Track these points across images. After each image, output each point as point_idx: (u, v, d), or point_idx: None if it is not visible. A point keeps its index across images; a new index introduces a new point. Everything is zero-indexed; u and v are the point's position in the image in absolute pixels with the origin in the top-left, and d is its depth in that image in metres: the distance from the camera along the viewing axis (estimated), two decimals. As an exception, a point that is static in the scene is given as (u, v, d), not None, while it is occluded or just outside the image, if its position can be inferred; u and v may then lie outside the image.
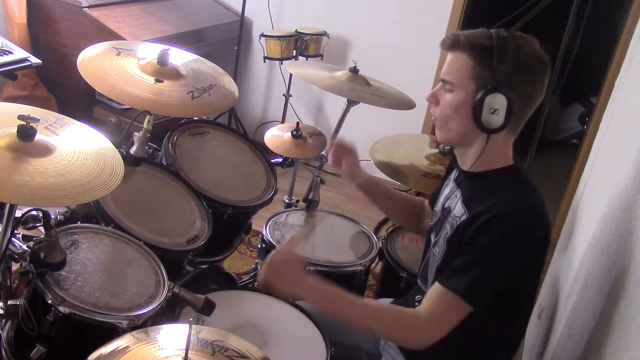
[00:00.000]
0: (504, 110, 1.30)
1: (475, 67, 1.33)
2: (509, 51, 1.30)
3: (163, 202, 1.89)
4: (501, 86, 1.30)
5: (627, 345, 1.13)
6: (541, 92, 1.37)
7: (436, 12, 3.54)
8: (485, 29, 1.37)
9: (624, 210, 1.44)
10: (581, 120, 5.00)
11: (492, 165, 1.41)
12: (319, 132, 2.43)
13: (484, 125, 1.33)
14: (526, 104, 1.36)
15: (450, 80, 1.37)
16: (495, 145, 1.38)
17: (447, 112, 1.39)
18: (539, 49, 1.36)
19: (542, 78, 1.36)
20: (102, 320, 1.36)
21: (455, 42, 1.36)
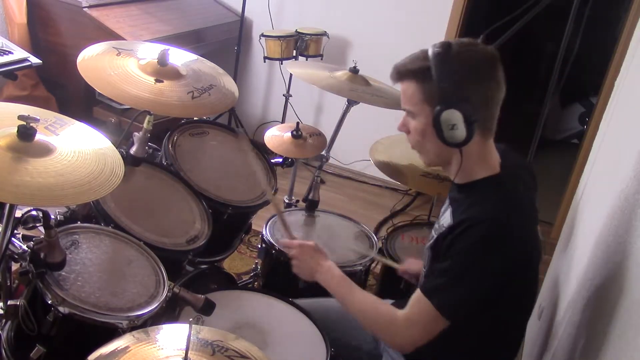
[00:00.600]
0: (462, 122, 1.30)
1: (423, 90, 1.35)
2: (446, 65, 1.31)
3: (163, 202, 1.89)
4: (451, 101, 1.31)
5: (627, 345, 1.13)
6: (499, 88, 1.36)
7: (436, 12, 3.54)
8: (423, 49, 1.37)
9: (624, 210, 1.44)
10: (581, 120, 5.00)
11: (476, 175, 1.41)
12: (319, 132, 2.43)
13: (450, 141, 1.34)
14: (486, 106, 1.36)
15: (409, 108, 1.41)
16: (472, 154, 1.38)
17: (417, 139, 1.43)
18: (481, 49, 1.36)
19: (494, 74, 1.35)
20: (102, 321, 1.36)
21: (398, 73, 1.40)
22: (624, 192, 1.48)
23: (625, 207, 1.43)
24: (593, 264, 1.63)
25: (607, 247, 1.51)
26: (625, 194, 1.46)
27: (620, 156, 1.71)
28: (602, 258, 1.54)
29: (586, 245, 1.81)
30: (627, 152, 1.59)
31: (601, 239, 1.60)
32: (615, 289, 1.32)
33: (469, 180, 1.42)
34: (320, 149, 2.39)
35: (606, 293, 1.40)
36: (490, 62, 1.35)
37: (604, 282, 1.46)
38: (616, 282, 1.34)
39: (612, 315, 1.28)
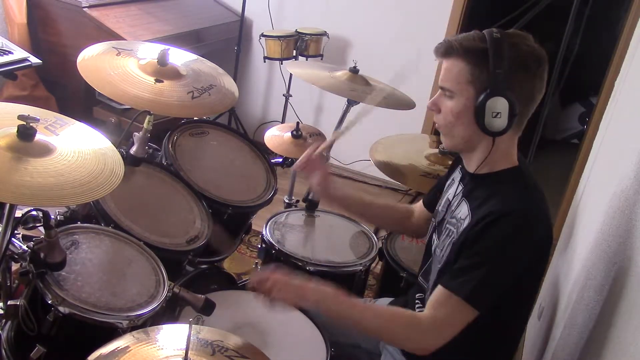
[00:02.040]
0: (506, 112, 1.30)
1: (472, 72, 1.32)
2: (504, 52, 1.29)
3: (163, 202, 1.89)
4: (500, 89, 1.29)
5: (626, 345, 1.13)
6: (541, 88, 1.36)
7: (436, 12, 3.54)
8: (478, 30, 1.35)
9: (624, 210, 1.44)
10: (581, 120, 5.00)
11: (497, 166, 1.40)
12: (319, 132, 2.43)
13: (488, 129, 1.32)
14: (528, 102, 1.36)
15: (449, 87, 1.36)
16: (500, 146, 1.37)
17: (450, 119, 1.38)
18: (535, 45, 1.34)
19: (541, 74, 1.35)
20: (102, 321, 1.36)
21: (448, 48, 1.35)
22: (624, 192, 1.48)
23: (625, 207, 1.43)
24: (593, 264, 1.63)
25: (607, 247, 1.51)
26: (625, 194, 1.46)
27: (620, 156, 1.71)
28: (602, 258, 1.54)
29: (586, 245, 1.81)
30: (627, 152, 1.59)
31: (601, 239, 1.60)
32: (615, 289, 1.32)
33: (490, 171, 1.41)
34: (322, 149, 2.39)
35: (606, 293, 1.40)
36: (541, 60, 1.34)
37: (604, 282, 1.46)
38: (616, 282, 1.34)
39: (612, 315, 1.28)
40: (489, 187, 1.40)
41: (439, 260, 1.49)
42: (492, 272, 1.31)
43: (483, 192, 1.40)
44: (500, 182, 1.40)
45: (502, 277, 1.33)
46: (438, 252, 1.50)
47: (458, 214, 1.45)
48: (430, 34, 3.38)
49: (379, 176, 3.73)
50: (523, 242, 1.31)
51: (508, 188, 1.38)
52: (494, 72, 1.29)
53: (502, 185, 1.39)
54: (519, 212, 1.31)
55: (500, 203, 1.33)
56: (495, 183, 1.40)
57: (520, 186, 1.39)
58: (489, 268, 1.31)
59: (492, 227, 1.30)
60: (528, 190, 1.39)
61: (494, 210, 1.32)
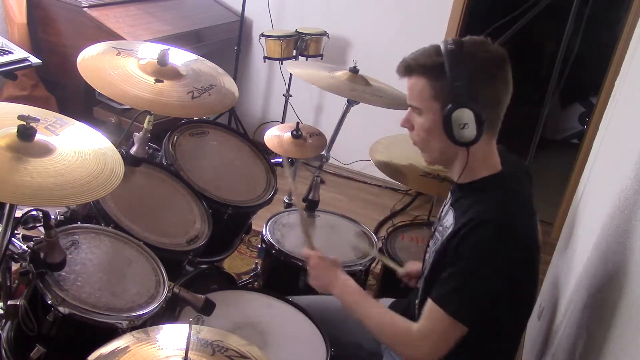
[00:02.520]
0: (473, 122, 1.30)
1: (433, 87, 1.33)
2: (460, 63, 1.30)
3: (163, 202, 1.89)
4: (463, 100, 1.30)
5: (627, 345, 1.13)
6: (507, 89, 1.36)
7: (436, 12, 3.54)
8: (434, 45, 1.35)
9: (624, 210, 1.44)
10: (581, 120, 5.00)
11: (478, 174, 1.40)
12: (319, 132, 2.43)
13: (459, 140, 1.33)
14: (494, 107, 1.35)
15: (416, 105, 1.38)
16: (477, 153, 1.37)
17: (423, 136, 1.40)
18: (493, 49, 1.34)
19: (503, 75, 1.34)
20: (102, 321, 1.36)
21: (407, 67, 1.37)
22: (624, 192, 1.48)
23: (625, 207, 1.43)
24: (593, 264, 1.63)
25: (607, 247, 1.51)
26: (625, 194, 1.46)
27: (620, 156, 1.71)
28: (602, 258, 1.54)
29: (586, 245, 1.81)
30: (627, 152, 1.59)
31: (601, 239, 1.60)
32: (615, 289, 1.32)
33: (471, 180, 1.41)
34: (320, 149, 2.39)
35: (606, 293, 1.40)
36: (501, 62, 1.34)
37: (604, 282, 1.46)
38: (616, 282, 1.34)
39: (612, 315, 1.28)
40: (472, 195, 1.40)
41: (427, 267, 1.50)
42: (471, 283, 1.32)
43: (467, 200, 1.40)
44: (482, 190, 1.40)
45: (482, 287, 1.32)
46: (427, 259, 1.53)
47: (445, 222, 1.46)
48: (430, 34, 3.38)
49: (379, 176, 3.73)
50: (502, 249, 1.30)
51: (488, 196, 1.38)
52: (453, 84, 1.30)
53: (483, 193, 1.39)
54: (495, 220, 1.31)
55: (478, 212, 1.33)
56: (477, 191, 1.40)
57: (499, 193, 1.38)
58: (469, 279, 1.32)
59: (470, 235, 1.31)
60: (507, 197, 1.38)
61: (472, 218, 1.32)
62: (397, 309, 1.71)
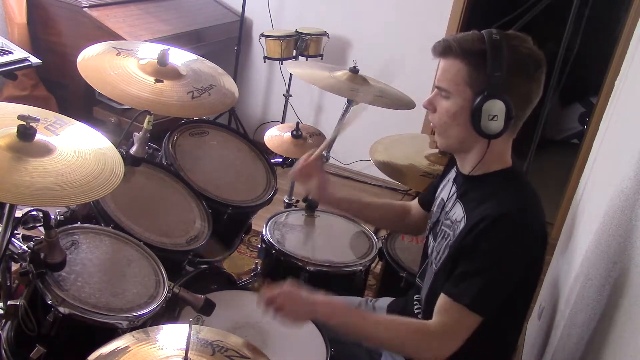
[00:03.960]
0: (502, 115, 1.28)
1: (470, 73, 1.31)
2: (502, 54, 1.28)
3: (163, 202, 1.89)
4: (498, 91, 1.28)
5: (626, 345, 1.13)
6: (539, 92, 1.35)
7: (436, 12, 3.54)
8: (477, 31, 1.34)
9: (624, 210, 1.44)
10: (581, 120, 5.00)
11: (491, 167, 1.40)
12: (319, 132, 2.43)
13: (484, 131, 1.31)
14: (525, 106, 1.35)
15: (446, 87, 1.35)
16: (495, 148, 1.36)
17: (445, 120, 1.37)
18: (534, 48, 1.33)
19: (539, 77, 1.34)
20: (102, 321, 1.36)
21: (446, 48, 1.34)
22: (624, 192, 1.48)
23: (625, 207, 1.43)
24: (593, 264, 1.63)
25: (607, 247, 1.51)
26: (625, 194, 1.46)
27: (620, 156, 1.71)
28: (602, 258, 1.54)
29: (586, 245, 1.81)
30: (627, 152, 1.59)
31: (601, 239, 1.60)
32: (615, 289, 1.32)
33: (483, 172, 1.40)
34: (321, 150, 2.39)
35: (606, 293, 1.40)
36: (540, 63, 1.33)
37: (603, 282, 1.46)
38: (616, 282, 1.34)
39: (612, 315, 1.28)
40: (483, 189, 1.39)
41: (435, 263, 1.48)
42: (492, 278, 1.31)
43: (477, 194, 1.39)
44: (494, 184, 1.39)
45: (503, 281, 1.32)
46: (434, 255, 1.50)
47: (453, 215, 1.45)
48: (430, 34, 3.37)
49: (379, 176, 3.73)
50: (520, 243, 1.31)
51: (502, 190, 1.37)
52: (492, 74, 1.28)
53: (495, 187, 1.38)
54: (513, 214, 1.31)
55: (495, 206, 1.32)
56: (489, 185, 1.39)
57: (513, 187, 1.38)
58: (489, 274, 1.31)
59: (489, 232, 1.30)
60: (522, 191, 1.38)
61: (489, 214, 1.31)
62: (395, 308, 1.71)
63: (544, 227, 1.37)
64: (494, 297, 1.33)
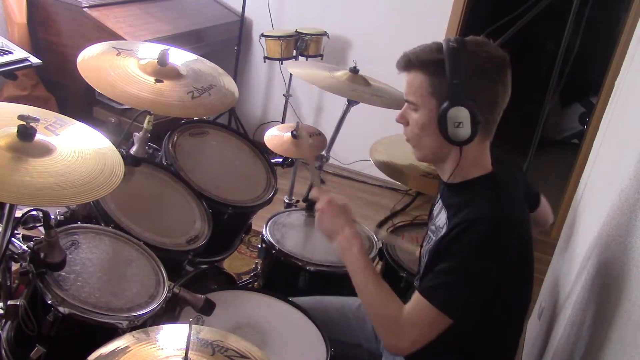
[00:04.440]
0: (468, 121, 1.30)
1: (432, 83, 1.33)
2: (461, 61, 1.29)
3: (163, 202, 1.89)
4: (460, 98, 1.29)
5: (627, 346, 1.13)
6: (505, 93, 1.35)
7: (436, 12, 3.54)
8: (436, 42, 1.36)
9: (623, 210, 1.44)
10: (581, 120, 5.00)
11: (469, 174, 1.40)
12: (319, 132, 2.43)
13: (452, 139, 1.33)
14: (491, 109, 1.35)
15: (412, 100, 1.38)
16: (469, 154, 1.37)
17: (416, 132, 1.40)
18: (494, 50, 1.34)
19: (503, 79, 1.34)
20: (102, 321, 1.36)
21: (407, 62, 1.37)
22: (624, 192, 1.48)
23: (625, 207, 1.43)
24: (593, 264, 1.63)
25: (607, 247, 1.51)
26: (625, 194, 1.46)
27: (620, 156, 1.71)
28: (602, 258, 1.54)
29: (586, 245, 1.81)
30: (627, 152, 1.59)
31: (601, 239, 1.60)
32: (615, 289, 1.32)
33: (462, 180, 1.41)
34: (320, 149, 2.39)
35: (606, 293, 1.40)
36: (502, 65, 1.34)
37: (603, 282, 1.46)
38: (616, 282, 1.34)
39: (612, 315, 1.28)
40: (462, 195, 1.40)
41: (421, 267, 1.50)
42: (460, 278, 1.31)
43: (457, 200, 1.40)
44: (474, 190, 1.39)
45: (472, 283, 1.31)
46: (422, 259, 1.52)
47: (437, 221, 1.46)
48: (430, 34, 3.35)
49: (379, 176, 3.73)
50: (494, 248, 1.30)
51: (479, 196, 1.37)
52: (451, 82, 1.29)
53: (474, 194, 1.38)
54: (489, 220, 1.31)
55: (472, 211, 1.33)
56: (468, 192, 1.40)
57: (491, 194, 1.38)
58: (458, 273, 1.31)
59: (463, 234, 1.30)
60: (499, 197, 1.38)
61: (466, 219, 1.32)
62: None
63: (524, 232, 1.36)
64: (462, 298, 1.31)
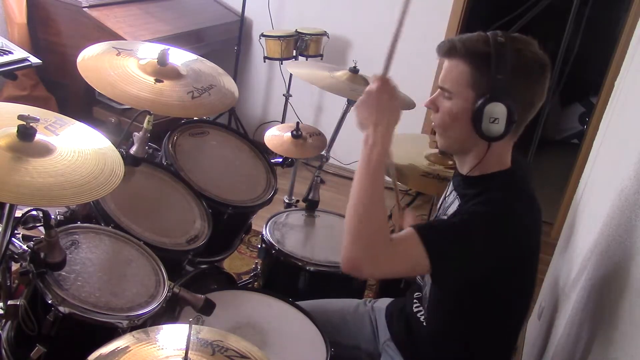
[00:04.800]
0: (504, 118, 1.28)
1: (473, 75, 1.30)
2: (507, 57, 1.27)
3: (163, 202, 1.89)
4: (501, 94, 1.27)
5: (627, 345, 1.13)
6: (542, 95, 1.34)
7: (436, 12, 3.54)
8: (482, 32, 1.33)
9: (624, 210, 1.44)
10: (581, 120, 5.00)
11: (489, 169, 1.39)
12: (319, 132, 2.43)
13: (485, 134, 1.31)
14: (527, 109, 1.34)
15: (448, 88, 1.35)
16: (494, 151, 1.36)
17: (446, 120, 1.36)
18: (539, 51, 1.32)
19: (543, 81, 1.33)
20: (102, 320, 1.36)
21: (451, 48, 1.33)
22: (624, 192, 1.48)
23: (625, 207, 1.43)
24: (593, 264, 1.63)
25: (607, 247, 1.51)
26: (625, 194, 1.46)
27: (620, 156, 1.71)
28: (602, 258, 1.54)
29: (586, 245, 1.81)
30: (627, 152, 1.59)
31: (601, 239, 1.60)
32: (616, 289, 1.32)
33: (482, 173, 1.40)
34: (320, 149, 2.39)
35: (606, 293, 1.40)
36: (544, 67, 1.32)
37: (604, 283, 1.46)
38: (616, 283, 1.34)
39: (612, 315, 1.28)
40: (478, 187, 1.39)
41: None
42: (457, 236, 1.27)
43: (473, 191, 1.39)
44: (490, 184, 1.38)
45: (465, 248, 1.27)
46: None
47: (449, 210, 1.45)
48: (430, 34, 3.38)
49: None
50: (495, 232, 1.28)
51: (494, 190, 1.36)
52: (495, 77, 1.27)
53: (491, 187, 1.37)
54: (498, 212, 1.30)
55: (482, 202, 1.32)
56: (485, 185, 1.39)
57: (507, 189, 1.37)
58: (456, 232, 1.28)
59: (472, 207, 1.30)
60: (514, 192, 1.37)
61: (475, 209, 1.31)
62: (394, 308, 1.72)
63: (533, 229, 1.35)
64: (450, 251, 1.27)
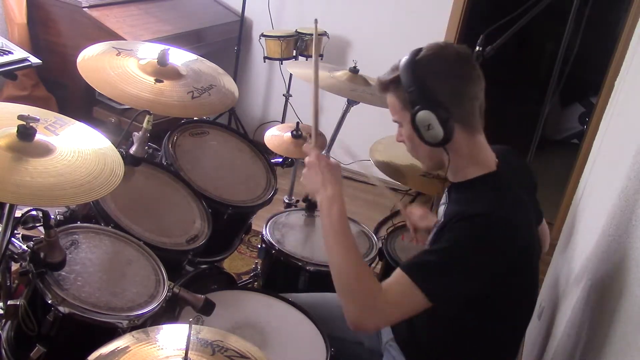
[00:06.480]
0: (435, 121, 1.33)
1: (398, 98, 1.40)
2: (410, 70, 1.35)
3: (163, 202, 1.89)
4: (420, 103, 1.34)
5: (627, 345, 1.13)
6: (468, 84, 1.37)
7: (436, 12, 3.54)
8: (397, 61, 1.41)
9: (623, 210, 1.44)
10: (581, 120, 5.00)
11: (469, 173, 1.41)
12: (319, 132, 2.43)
13: (432, 141, 1.36)
14: (458, 102, 1.36)
15: (395, 119, 1.46)
16: (460, 151, 1.38)
17: (409, 145, 1.46)
18: (446, 49, 1.39)
19: (459, 72, 1.37)
20: (102, 320, 1.36)
21: (379, 86, 1.46)
22: (624, 192, 1.48)
23: (625, 207, 1.43)
24: (593, 264, 1.63)
25: (607, 247, 1.51)
26: (625, 194, 1.46)
27: (620, 156, 1.71)
28: (602, 258, 1.54)
29: (586, 245, 1.81)
30: (627, 152, 1.59)
31: (601, 239, 1.60)
32: (616, 289, 1.32)
33: (464, 179, 1.42)
34: (321, 149, 2.39)
35: (606, 293, 1.40)
36: (454, 60, 1.37)
37: (604, 282, 1.46)
38: (616, 283, 1.34)
39: (612, 315, 1.28)
40: (464, 193, 1.42)
41: None
42: (445, 263, 1.29)
43: (459, 197, 1.43)
44: (475, 189, 1.40)
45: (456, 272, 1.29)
46: None
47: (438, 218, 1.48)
48: (430, 34, 3.38)
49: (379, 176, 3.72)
50: (484, 246, 1.29)
51: (480, 194, 1.38)
52: (407, 91, 1.36)
53: (475, 192, 1.40)
54: (485, 217, 1.31)
55: (470, 207, 1.34)
56: (470, 190, 1.41)
57: (492, 193, 1.38)
58: (443, 258, 1.29)
59: (456, 224, 1.31)
60: (500, 197, 1.37)
61: (463, 211, 1.33)
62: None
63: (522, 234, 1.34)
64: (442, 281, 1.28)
